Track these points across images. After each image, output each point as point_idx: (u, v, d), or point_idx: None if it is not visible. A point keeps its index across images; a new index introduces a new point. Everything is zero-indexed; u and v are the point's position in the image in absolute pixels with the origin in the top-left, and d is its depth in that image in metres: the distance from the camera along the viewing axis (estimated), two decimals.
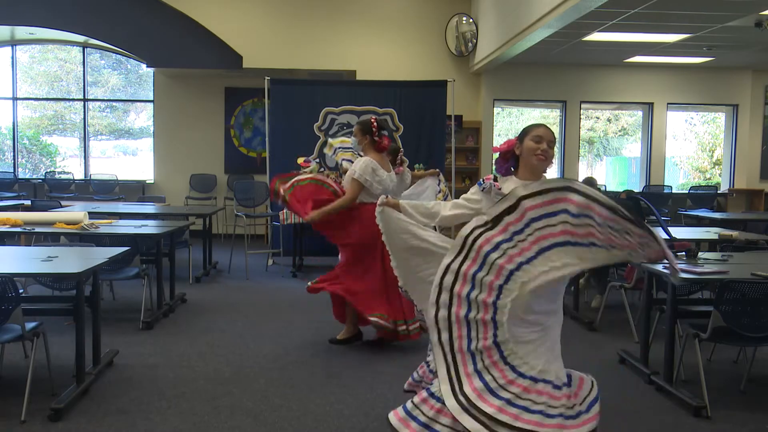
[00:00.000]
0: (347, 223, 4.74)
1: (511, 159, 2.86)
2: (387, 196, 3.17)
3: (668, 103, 11.03)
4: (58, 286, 4.74)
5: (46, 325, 3.85)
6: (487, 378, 2.54)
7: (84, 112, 11.37)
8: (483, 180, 2.90)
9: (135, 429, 3.43)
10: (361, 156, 4.94)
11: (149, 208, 8.21)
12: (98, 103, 11.72)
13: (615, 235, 2.31)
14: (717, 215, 8.32)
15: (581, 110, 11.04)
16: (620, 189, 11.20)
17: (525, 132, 2.84)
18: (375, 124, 4.82)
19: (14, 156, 11.41)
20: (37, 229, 5.59)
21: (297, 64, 10.13)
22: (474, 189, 2.94)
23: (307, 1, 10.22)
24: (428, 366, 3.06)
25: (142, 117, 11.96)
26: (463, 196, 2.98)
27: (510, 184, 2.77)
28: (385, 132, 4.87)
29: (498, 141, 11.40)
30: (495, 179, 2.88)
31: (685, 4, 6.60)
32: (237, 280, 7.54)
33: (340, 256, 5.05)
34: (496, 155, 2.95)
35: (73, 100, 11.52)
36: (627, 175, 14.09)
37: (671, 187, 11.17)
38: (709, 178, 13.21)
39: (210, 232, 7.96)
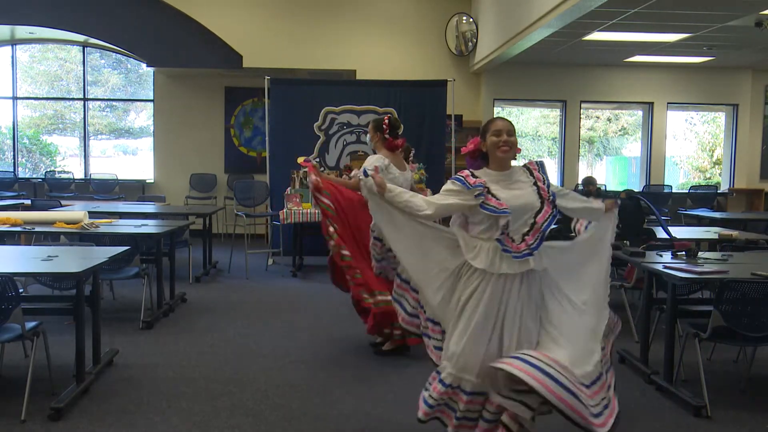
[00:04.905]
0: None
1: (479, 156, 3.04)
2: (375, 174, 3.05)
3: (668, 103, 11.03)
4: (58, 286, 4.74)
5: (46, 325, 3.84)
6: None
7: (84, 111, 11.37)
8: (464, 178, 2.93)
9: (135, 429, 3.43)
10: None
11: (149, 208, 8.20)
12: (98, 103, 11.72)
13: None
14: (717, 215, 8.32)
15: (581, 110, 11.03)
16: (620, 189, 11.20)
17: (485, 130, 3.02)
18: (387, 122, 4.86)
19: (14, 155, 11.41)
20: (37, 229, 5.59)
21: (297, 64, 10.12)
22: (455, 185, 2.93)
23: (307, 1, 10.21)
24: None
25: (142, 116, 11.96)
26: (445, 189, 2.96)
27: (484, 176, 2.95)
28: (399, 132, 4.89)
29: None
30: (473, 175, 2.95)
31: (685, 4, 6.59)
32: (237, 279, 7.53)
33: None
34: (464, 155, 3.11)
35: (73, 99, 11.52)
36: (627, 175, 14.09)
37: (671, 186, 11.17)
38: (709, 178, 13.21)
39: (210, 231, 7.96)
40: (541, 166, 3.04)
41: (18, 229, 5.56)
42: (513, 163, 3.05)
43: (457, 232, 2.99)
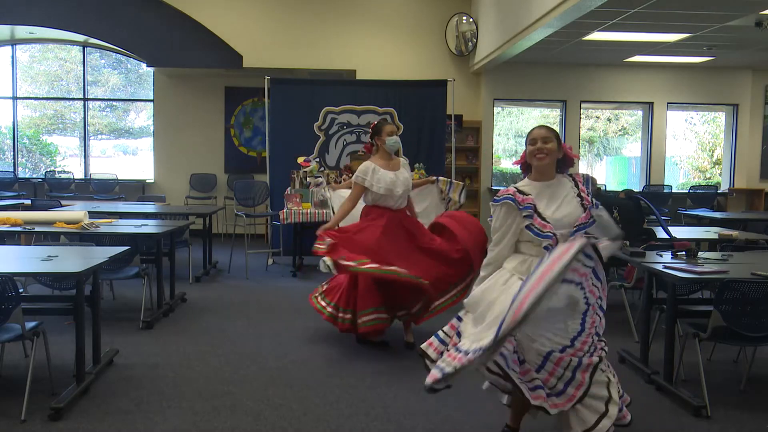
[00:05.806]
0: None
1: (527, 168, 3.06)
2: None
3: (668, 103, 11.03)
4: (58, 286, 4.74)
5: (46, 325, 3.85)
6: None
7: (84, 111, 11.37)
8: (513, 196, 2.93)
9: (135, 429, 3.43)
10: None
11: (149, 208, 8.20)
12: (98, 103, 11.71)
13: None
14: (717, 215, 8.31)
15: (581, 110, 11.03)
16: (620, 188, 11.20)
17: (526, 140, 3.06)
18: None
19: (14, 155, 11.41)
20: (37, 229, 5.59)
21: (297, 63, 10.12)
22: (508, 207, 2.93)
23: (308, 0, 10.21)
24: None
25: (142, 116, 11.96)
26: (499, 216, 2.96)
27: (531, 189, 2.96)
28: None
29: (498, 141, 11.41)
30: (520, 191, 2.95)
31: (685, 3, 6.59)
32: (237, 279, 7.53)
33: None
34: (518, 167, 3.13)
35: (73, 99, 11.52)
36: (627, 175, 14.09)
37: (671, 186, 11.16)
38: (709, 178, 13.20)
39: (210, 231, 7.96)
40: (587, 180, 3.06)
41: (18, 229, 5.56)
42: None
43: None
